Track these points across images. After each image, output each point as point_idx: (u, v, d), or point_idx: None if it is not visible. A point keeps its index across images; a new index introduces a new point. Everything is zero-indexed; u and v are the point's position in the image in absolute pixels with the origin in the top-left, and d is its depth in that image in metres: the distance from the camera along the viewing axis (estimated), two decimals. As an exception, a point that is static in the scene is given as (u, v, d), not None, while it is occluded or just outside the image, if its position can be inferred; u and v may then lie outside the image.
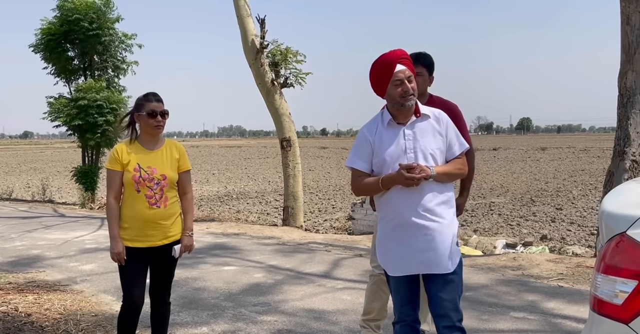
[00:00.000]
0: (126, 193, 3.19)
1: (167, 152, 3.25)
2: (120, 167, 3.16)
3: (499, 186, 20.70)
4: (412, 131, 2.76)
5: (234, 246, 7.45)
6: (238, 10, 9.90)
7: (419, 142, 2.74)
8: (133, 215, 3.15)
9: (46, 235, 8.43)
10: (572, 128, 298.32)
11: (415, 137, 2.75)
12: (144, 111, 3.16)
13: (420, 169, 2.63)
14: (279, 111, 9.93)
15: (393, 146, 2.75)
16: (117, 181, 3.17)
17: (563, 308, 4.42)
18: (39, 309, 4.52)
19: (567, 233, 11.13)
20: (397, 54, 2.77)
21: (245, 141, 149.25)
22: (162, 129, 3.22)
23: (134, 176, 3.12)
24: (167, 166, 3.21)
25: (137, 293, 3.20)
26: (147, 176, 3.13)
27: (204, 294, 5.03)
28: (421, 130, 2.77)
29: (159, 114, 3.16)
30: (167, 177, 3.17)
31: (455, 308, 2.74)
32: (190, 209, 3.33)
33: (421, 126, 2.78)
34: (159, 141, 3.27)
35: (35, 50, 14.38)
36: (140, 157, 3.17)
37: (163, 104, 3.21)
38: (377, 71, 2.79)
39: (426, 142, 2.74)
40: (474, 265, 6.08)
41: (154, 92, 3.24)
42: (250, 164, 37.57)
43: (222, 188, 21.58)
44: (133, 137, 3.25)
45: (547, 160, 37.22)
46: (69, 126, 13.99)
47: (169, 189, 3.20)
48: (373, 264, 3.67)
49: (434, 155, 2.74)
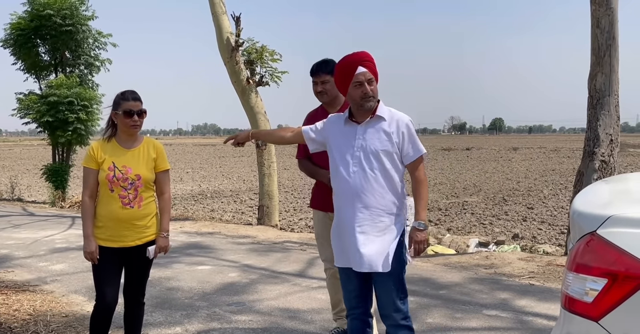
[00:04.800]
0: (101, 192, 3.14)
1: (143, 151, 3.20)
2: (96, 165, 3.11)
3: (472, 185, 20.97)
4: (364, 130, 2.86)
5: (208, 246, 7.39)
6: (213, 8, 9.80)
7: (367, 142, 2.83)
8: (107, 215, 3.10)
9: (15, 234, 8.24)
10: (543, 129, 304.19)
11: (365, 137, 2.84)
12: (120, 109, 3.11)
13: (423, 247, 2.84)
14: (254, 109, 9.87)
15: (344, 143, 2.88)
16: (92, 179, 3.12)
17: (534, 306, 4.50)
18: (8, 310, 4.42)
19: (538, 232, 11.33)
20: (359, 56, 2.84)
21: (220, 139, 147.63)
22: (139, 128, 3.17)
23: (108, 176, 3.07)
24: (143, 165, 3.16)
25: (110, 293, 3.15)
26: (121, 176, 3.08)
27: (178, 294, 4.97)
28: (372, 130, 2.85)
29: (136, 114, 3.11)
30: (141, 177, 3.13)
31: (396, 309, 2.83)
32: (167, 209, 3.28)
33: (374, 126, 2.86)
34: (136, 139, 3.22)
35: (4, 46, 14.06)
36: (116, 157, 3.13)
37: (141, 102, 3.16)
38: (339, 72, 2.89)
39: (373, 143, 2.82)
40: (447, 264, 6.15)
41: (132, 90, 3.18)
42: (224, 163, 37.31)
43: (196, 187, 21.39)
44: (110, 135, 3.20)
45: (519, 160, 37.83)
46: (38, 122, 13.71)
47: (144, 189, 3.15)
48: (323, 258, 3.78)
49: (378, 156, 2.81)
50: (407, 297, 2.89)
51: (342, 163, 2.87)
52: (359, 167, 2.81)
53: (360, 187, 2.79)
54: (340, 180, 2.88)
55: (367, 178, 2.79)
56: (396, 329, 2.85)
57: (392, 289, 2.81)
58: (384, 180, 2.81)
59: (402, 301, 2.84)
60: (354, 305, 2.96)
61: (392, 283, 2.81)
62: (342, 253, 2.89)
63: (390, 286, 2.81)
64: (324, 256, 3.75)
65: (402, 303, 2.84)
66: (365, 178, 2.80)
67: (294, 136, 3.12)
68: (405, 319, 2.85)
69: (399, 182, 2.87)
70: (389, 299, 2.82)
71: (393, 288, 2.81)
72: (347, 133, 2.89)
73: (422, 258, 6.66)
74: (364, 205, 2.79)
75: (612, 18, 6.56)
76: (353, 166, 2.83)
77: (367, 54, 2.86)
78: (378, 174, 2.80)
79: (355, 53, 2.86)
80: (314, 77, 3.63)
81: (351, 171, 2.83)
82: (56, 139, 13.82)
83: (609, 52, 6.56)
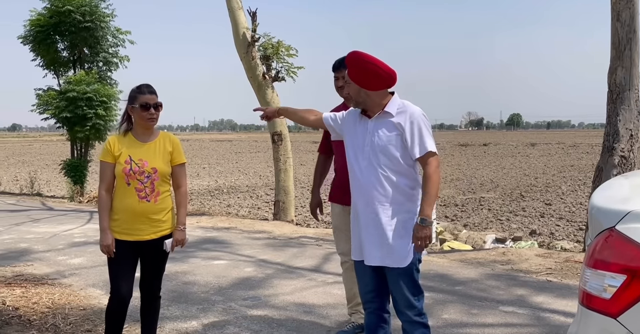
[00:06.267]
0: (117, 185, 3.16)
1: (160, 145, 3.21)
2: (112, 159, 3.13)
3: (489, 181, 20.81)
4: (373, 125, 2.87)
5: (224, 240, 7.43)
6: (229, 3, 9.82)
7: (374, 137, 2.83)
8: (123, 208, 3.12)
9: (34, 228, 8.37)
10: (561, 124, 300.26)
11: (374, 132, 2.85)
12: (136, 103, 3.12)
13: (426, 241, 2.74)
14: (270, 104, 9.85)
15: (357, 138, 2.91)
16: (108, 173, 3.14)
17: (551, 302, 4.45)
18: (27, 303, 4.49)
19: (555, 228, 11.21)
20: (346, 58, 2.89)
21: (236, 135, 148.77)
22: (156, 121, 3.18)
23: (125, 169, 3.09)
24: (159, 158, 3.17)
25: (124, 286, 3.18)
26: (138, 169, 3.10)
27: (194, 288, 5.01)
28: (381, 125, 2.85)
29: (152, 107, 3.12)
30: (157, 170, 3.14)
31: (410, 305, 2.82)
32: (184, 203, 3.29)
33: (382, 121, 2.86)
34: (152, 133, 3.23)
35: (24, 42, 14.22)
36: (133, 150, 3.14)
37: (157, 96, 3.17)
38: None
39: (380, 138, 2.82)
40: (464, 260, 6.11)
41: (147, 84, 3.19)
42: (241, 158, 37.47)
43: (212, 182, 21.51)
44: (127, 129, 3.22)
45: (537, 156, 37.44)
46: (57, 118, 13.87)
47: (160, 182, 3.16)
48: (339, 252, 3.84)
49: (386, 151, 2.80)
50: (422, 294, 2.87)
51: (354, 158, 2.89)
52: (368, 163, 2.82)
53: (370, 183, 2.80)
54: (353, 175, 2.90)
55: (377, 174, 2.79)
56: (411, 325, 2.84)
57: (405, 285, 2.80)
58: (393, 175, 2.79)
59: (416, 298, 2.82)
60: (369, 299, 2.96)
61: (404, 279, 2.80)
62: (358, 246, 2.90)
63: (403, 283, 2.80)
64: (340, 249, 3.80)
65: (417, 300, 2.83)
66: (374, 174, 2.80)
67: (316, 120, 3.15)
68: (420, 315, 2.84)
69: (411, 178, 2.83)
70: (402, 296, 2.82)
71: (405, 284, 2.80)
72: (360, 128, 2.91)
73: (438, 254, 6.63)
74: (374, 200, 2.79)
75: (632, 11, 6.44)
76: (362, 161, 2.84)
77: (351, 55, 2.84)
78: (386, 170, 2.79)
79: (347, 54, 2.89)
80: (335, 72, 3.69)
81: (362, 166, 2.84)
82: (74, 134, 13.98)
83: (629, 45, 6.44)
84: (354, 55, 2.82)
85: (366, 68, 2.78)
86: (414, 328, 2.84)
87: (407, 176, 2.82)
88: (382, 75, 2.78)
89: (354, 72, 2.83)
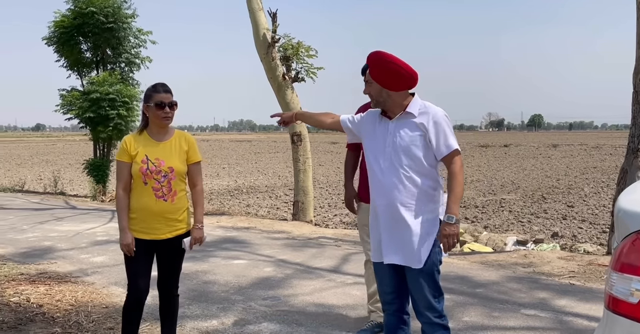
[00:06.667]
0: (134, 184, 3.17)
1: (175, 144, 3.23)
2: (129, 158, 3.15)
3: (510, 182, 20.58)
4: (395, 126, 2.85)
5: (244, 240, 7.47)
6: (250, 4, 9.88)
7: (396, 138, 2.82)
8: (140, 207, 3.14)
9: (58, 227, 8.50)
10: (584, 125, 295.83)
11: (395, 132, 2.83)
12: (151, 102, 3.14)
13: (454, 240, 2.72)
14: (290, 105, 9.91)
15: (377, 139, 2.89)
16: (125, 172, 3.16)
17: (574, 306, 4.38)
18: (51, 300, 4.56)
19: (578, 231, 11.04)
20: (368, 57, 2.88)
21: (256, 135, 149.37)
22: (171, 120, 3.19)
23: (142, 168, 3.11)
24: (175, 157, 3.19)
25: (141, 284, 3.21)
26: (155, 168, 3.12)
27: (214, 288, 5.04)
28: (403, 126, 2.83)
29: (167, 105, 3.14)
30: (174, 169, 3.16)
31: (430, 307, 2.80)
32: (200, 201, 3.31)
33: (404, 122, 2.84)
34: (167, 132, 3.25)
35: (49, 43, 14.44)
36: (149, 149, 3.16)
37: (172, 95, 3.18)
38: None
39: (403, 139, 2.81)
40: (484, 262, 6.05)
41: (163, 83, 3.21)
42: (260, 159, 37.62)
43: (232, 182, 21.63)
44: (142, 128, 3.24)
45: (559, 157, 36.93)
46: (81, 118, 14.06)
47: (177, 181, 3.18)
48: (365, 250, 3.92)
49: (408, 152, 2.79)
50: (442, 295, 2.85)
51: (374, 159, 2.88)
52: (389, 164, 2.80)
53: (392, 184, 2.78)
54: (373, 176, 2.88)
55: (398, 174, 2.78)
56: (431, 327, 2.82)
57: (425, 286, 2.78)
58: (415, 175, 2.78)
59: (436, 300, 2.80)
60: (389, 301, 2.94)
61: (424, 280, 2.78)
62: (378, 247, 2.89)
63: (423, 283, 2.78)
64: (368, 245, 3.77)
65: (437, 301, 2.81)
66: (396, 174, 2.78)
67: (333, 122, 3.15)
68: (440, 317, 2.82)
69: (433, 178, 2.82)
70: (422, 297, 2.80)
71: (426, 285, 2.78)
72: (380, 129, 2.89)
73: (458, 256, 6.58)
74: (396, 201, 2.77)
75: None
76: (384, 163, 2.82)
77: (372, 55, 2.84)
78: (409, 170, 2.77)
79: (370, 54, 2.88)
80: (363, 76, 3.65)
81: (382, 167, 2.82)
82: (97, 134, 14.16)
83: (655, 45, 6.32)
84: (377, 55, 2.81)
85: (388, 68, 2.77)
86: (434, 330, 2.83)
87: (429, 177, 2.81)
88: (405, 75, 2.77)
89: (376, 72, 2.83)
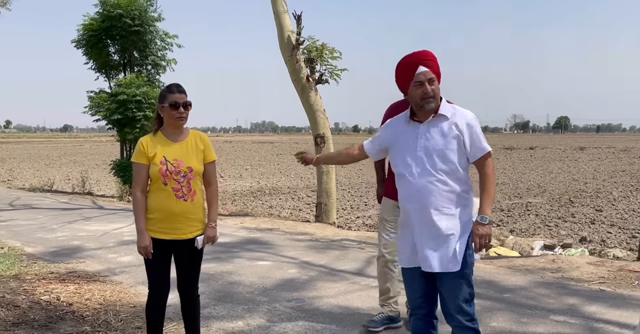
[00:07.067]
0: (153, 186, 3.17)
1: (192, 144, 3.24)
2: (147, 160, 3.15)
3: (536, 185, 20.26)
4: (427, 129, 2.80)
5: (267, 241, 7.49)
6: (275, 7, 9.92)
7: (430, 141, 2.77)
8: (160, 208, 3.14)
9: (86, 226, 8.64)
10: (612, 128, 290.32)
11: (428, 136, 2.78)
12: (166, 102, 3.15)
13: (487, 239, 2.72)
14: (313, 107, 9.92)
15: (406, 144, 2.84)
16: (143, 174, 3.16)
17: (605, 313, 4.29)
18: (80, 299, 4.64)
19: (607, 235, 10.81)
20: (420, 55, 2.79)
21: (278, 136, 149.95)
22: (185, 120, 3.20)
23: (161, 169, 3.11)
24: (193, 157, 3.20)
25: (161, 283, 3.24)
26: (174, 169, 3.13)
27: (239, 289, 5.07)
28: (435, 130, 2.79)
29: (182, 106, 3.15)
30: (193, 169, 3.17)
31: (461, 310, 2.78)
32: (215, 200, 3.33)
33: (437, 125, 2.80)
34: (182, 132, 3.25)
35: (78, 46, 14.71)
36: (166, 150, 3.17)
37: (186, 95, 3.19)
38: (399, 72, 2.85)
39: (437, 142, 2.77)
40: (511, 266, 5.97)
41: (177, 83, 3.22)
42: (282, 160, 37.72)
43: (254, 183, 21.72)
44: (157, 128, 3.25)
45: (586, 160, 36.25)
46: (108, 120, 14.27)
47: (195, 181, 3.19)
48: (381, 243, 3.98)
49: (442, 156, 2.75)
50: (473, 299, 2.82)
51: (404, 164, 2.82)
52: (422, 168, 2.76)
53: (425, 188, 2.74)
54: (405, 182, 2.82)
55: (432, 178, 2.74)
56: (462, 331, 2.79)
57: (459, 289, 2.75)
58: (449, 179, 2.74)
59: (468, 303, 2.77)
60: (418, 305, 2.91)
61: (459, 283, 2.75)
62: (410, 253, 2.85)
63: (458, 286, 2.75)
64: (383, 241, 3.94)
65: (469, 305, 2.78)
66: (429, 178, 2.74)
67: (359, 153, 3.14)
68: (472, 321, 2.79)
69: (465, 182, 2.80)
70: (455, 300, 2.76)
71: (461, 288, 2.75)
72: (409, 133, 2.85)
73: (484, 260, 6.49)
74: (430, 205, 2.74)
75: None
76: (416, 167, 2.77)
77: (429, 52, 2.81)
78: (442, 174, 2.74)
79: (416, 52, 2.81)
80: None
81: (414, 171, 2.77)
82: (124, 135, 14.37)
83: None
84: (429, 55, 2.78)
85: (437, 70, 2.79)
86: (465, 333, 2.79)
87: (462, 181, 2.78)
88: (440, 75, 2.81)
89: (436, 67, 2.79)
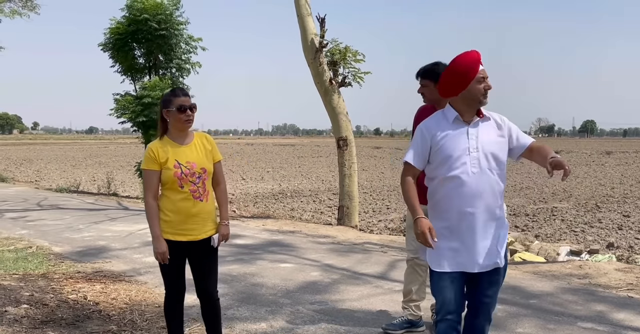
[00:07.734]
0: (167, 190, 3.19)
1: (200, 145, 3.28)
2: (158, 166, 3.16)
3: (562, 190, 19.94)
4: (475, 130, 2.79)
5: (289, 244, 7.50)
6: (298, 10, 9.96)
7: (481, 142, 2.76)
8: (177, 210, 3.16)
9: (111, 227, 8.77)
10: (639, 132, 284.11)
11: (478, 136, 2.78)
12: (172, 106, 3.17)
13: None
14: (336, 110, 9.92)
15: (457, 144, 2.77)
16: (154, 180, 3.18)
17: (634, 320, 4.20)
18: (106, 298, 4.70)
19: (635, 242, 10.58)
20: (479, 54, 2.81)
21: (299, 139, 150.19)
22: (192, 123, 3.22)
23: (176, 173, 3.13)
24: (204, 158, 3.25)
25: (178, 285, 3.27)
26: (189, 172, 3.16)
27: (262, 290, 5.09)
28: (484, 130, 2.80)
29: (188, 108, 3.17)
30: (206, 170, 3.22)
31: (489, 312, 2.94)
32: (225, 199, 3.39)
33: (484, 126, 2.81)
34: (188, 135, 3.28)
35: (104, 49, 14.95)
36: (177, 154, 3.19)
37: (190, 98, 3.24)
38: (463, 67, 2.76)
39: (488, 143, 2.78)
40: (537, 272, 5.88)
41: (181, 87, 3.29)
42: (303, 163, 37.78)
43: (276, 186, 21.80)
44: (162, 133, 3.26)
45: (613, 165, 35.57)
46: (133, 122, 14.47)
47: (209, 181, 3.26)
48: (408, 248, 4.03)
49: (495, 156, 2.78)
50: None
51: (457, 165, 2.74)
52: (478, 168, 2.73)
53: (481, 189, 2.74)
54: (458, 183, 2.73)
55: (487, 179, 2.75)
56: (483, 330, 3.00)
57: (498, 285, 2.88)
58: (499, 179, 2.80)
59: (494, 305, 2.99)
60: (452, 310, 2.85)
61: (500, 280, 2.87)
62: (456, 257, 2.77)
63: (497, 282, 2.86)
64: (411, 245, 3.94)
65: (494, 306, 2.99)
66: (485, 179, 2.74)
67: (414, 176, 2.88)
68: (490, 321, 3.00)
69: (505, 182, 2.89)
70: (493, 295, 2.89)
71: (499, 283, 2.87)
72: (458, 134, 2.77)
73: (509, 265, 6.40)
74: (484, 206, 2.74)
75: None
76: (472, 167, 2.73)
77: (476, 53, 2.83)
78: (495, 174, 2.78)
79: (475, 51, 2.81)
80: (417, 79, 3.89)
81: (470, 172, 2.72)
82: (149, 138, 14.52)
83: None
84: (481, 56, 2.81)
85: None
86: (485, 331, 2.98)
87: (504, 179, 2.87)
88: None
89: None
